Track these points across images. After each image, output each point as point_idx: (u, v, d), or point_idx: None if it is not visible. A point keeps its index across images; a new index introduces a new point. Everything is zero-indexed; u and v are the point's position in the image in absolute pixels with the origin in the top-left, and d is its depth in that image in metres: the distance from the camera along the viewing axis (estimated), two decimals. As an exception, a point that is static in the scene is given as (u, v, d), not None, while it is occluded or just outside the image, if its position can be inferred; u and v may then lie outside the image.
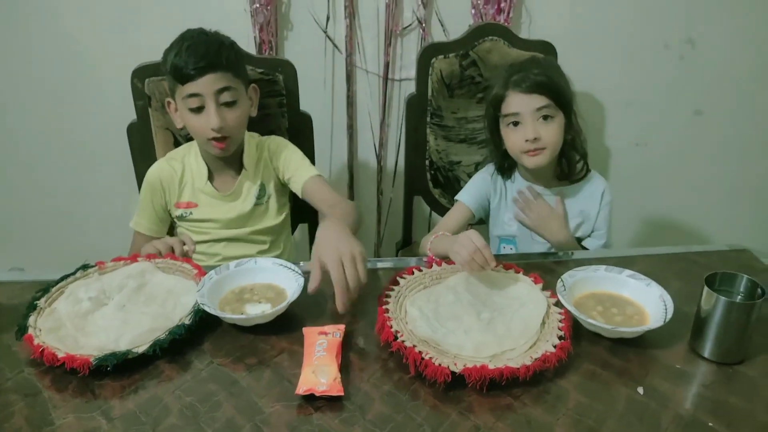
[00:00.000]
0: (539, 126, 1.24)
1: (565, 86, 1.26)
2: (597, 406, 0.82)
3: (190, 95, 1.22)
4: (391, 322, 0.93)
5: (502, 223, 1.40)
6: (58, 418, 0.80)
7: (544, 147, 1.24)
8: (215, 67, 1.21)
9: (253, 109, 1.34)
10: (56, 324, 0.94)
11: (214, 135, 1.23)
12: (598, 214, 1.33)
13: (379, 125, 1.85)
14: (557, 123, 1.25)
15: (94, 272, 1.09)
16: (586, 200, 1.34)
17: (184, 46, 1.21)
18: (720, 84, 1.88)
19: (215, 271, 1.05)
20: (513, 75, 1.25)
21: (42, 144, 1.87)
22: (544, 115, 1.23)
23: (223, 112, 1.23)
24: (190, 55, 1.19)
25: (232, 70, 1.24)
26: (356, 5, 1.70)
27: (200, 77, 1.20)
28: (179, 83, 1.22)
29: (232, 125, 1.25)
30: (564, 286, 1.00)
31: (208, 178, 1.35)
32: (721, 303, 0.87)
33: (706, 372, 0.88)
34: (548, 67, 1.27)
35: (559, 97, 1.23)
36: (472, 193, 1.39)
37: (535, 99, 1.22)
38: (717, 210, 2.09)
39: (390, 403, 0.82)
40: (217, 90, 1.21)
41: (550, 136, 1.24)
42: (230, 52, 1.24)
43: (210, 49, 1.21)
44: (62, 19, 1.68)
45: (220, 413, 0.80)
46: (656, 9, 1.76)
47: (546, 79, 1.22)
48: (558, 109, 1.24)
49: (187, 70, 1.19)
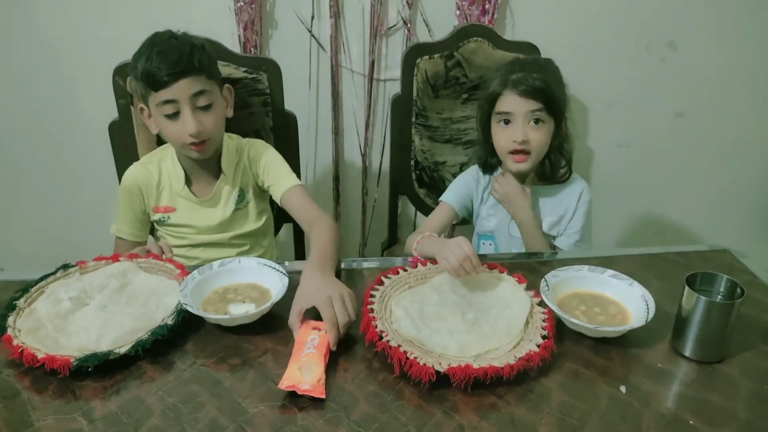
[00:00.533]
0: (529, 129, 1.25)
1: (561, 93, 1.27)
2: (580, 405, 0.82)
3: (164, 102, 1.19)
4: (376, 321, 0.93)
5: (482, 219, 1.42)
6: (37, 420, 0.79)
7: (530, 151, 1.26)
8: (188, 71, 1.18)
9: (228, 110, 1.32)
10: (36, 324, 0.93)
11: (192, 140, 1.21)
12: (574, 214, 1.35)
13: (365, 125, 1.85)
14: (546, 128, 1.26)
15: (75, 272, 1.07)
16: (564, 200, 1.35)
17: (154, 52, 1.17)
18: (701, 86, 1.91)
19: (198, 271, 1.04)
20: (513, 74, 1.25)
21: (22, 143, 1.83)
22: (536, 119, 1.24)
23: (199, 117, 1.21)
24: (161, 61, 1.16)
25: (205, 72, 1.21)
26: (341, 4, 1.69)
27: (174, 83, 1.17)
28: (152, 90, 1.19)
29: (210, 128, 1.23)
30: (547, 286, 1.01)
31: (186, 182, 1.32)
32: (701, 303, 0.88)
33: (687, 371, 0.89)
34: (549, 72, 1.27)
35: (552, 104, 1.24)
36: (456, 193, 1.41)
37: (530, 103, 1.23)
38: (698, 211, 2.12)
39: (374, 403, 0.82)
40: (192, 95, 1.19)
41: (538, 140, 1.25)
42: (202, 55, 1.21)
43: (182, 54, 1.17)
44: (43, 17, 1.66)
45: (203, 414, 0.80)
46: (638, 11, 1.78)
47: (543, 86, 1.23)
48: (549, 115, 1.25)
49: (159, 76, 1.16)
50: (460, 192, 1.41)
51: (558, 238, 1.36)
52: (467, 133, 1.67)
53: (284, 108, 1.49)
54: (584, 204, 1.35)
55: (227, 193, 1.35)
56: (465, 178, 1.43)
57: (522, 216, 1.32)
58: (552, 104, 1.24)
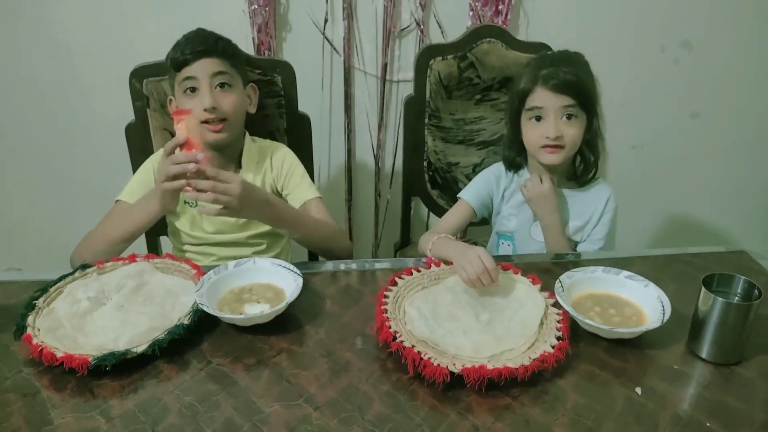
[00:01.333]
0: (561, 124, 1.22)
1: (592, 87, 1.24)
2: (595, 406, 0.82)
3: (185, 78, 1.24)
4: (389, 322, 0.93)
5: (502, 218, 1.40)
6: (56, 418, 0.80)
7: (564, 146, 1.23)
8: (210, 52, 1.24)
9: (251, 107, 1.35)
10: (55, 324, 0.94)
11: (208, 116, 1.23)
12: (599, 220, 1.32)
13: (377, 126, 1.86)
14: (579, 123, 1.23)
15: (93, 272, 1.09)
16: (590, 205, 1.33)
17: (183, 39, 1.26)
18: (717, 87, 1.90)
19: (214, 271, 1.05)
20: (542, 69, 1.23)
21: (39, 144, 1.86)
22: (568, 114, 1.22)
23: (216, 95, 1.24)
24: (187, 44, 1.24)
25: (228, 59, 1.26)
26: (354, 7, 1.70)
27: (195, 61, 1.23)
28: (176, 71, 1.25)
29: (227, 108, 1.25)
30: (562, 287, 1.00)
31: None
32: (718, 304, 0.87)
33: (704, 373, 0.89)
34: (579, 65, 1.25)
35: (584, 99, 1.22)
36: (475, 191, 1.38)
37: (562, 98, 1.21)
38: (714, 212, 2.10)
39: (388, 403, 0.83)
40: (211, 73, 1.24)
41: (571, 135, 1.22)
42: (227, 45, 1.28)
43: (207, 38, 1.26)
44: (60, 20, 1.68)
45: (218, 413, 0.81)
46: (652, 11, 1.77)
47: (575, 79, 1.20)
48: (582, 109, 1.23)
49: (183, 55, 1.23)
50: (480, 190, 1.38)
51: (581, 243, 1.33)
52: (480, 134, 1.67)
53: (298, 109, 1.50)
54: (610, 211, 1.32)
55: None
56: (486, 176, 1.40)
57: (550, 219, 1.29)
58: (584, 98, 1.22)
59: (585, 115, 1.24)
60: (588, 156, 1.30)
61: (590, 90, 1.23)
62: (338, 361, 0.91)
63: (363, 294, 1.08)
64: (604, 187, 1.34)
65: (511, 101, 1.32)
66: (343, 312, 1.03)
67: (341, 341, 0.95)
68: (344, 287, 1.12)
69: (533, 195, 1.30)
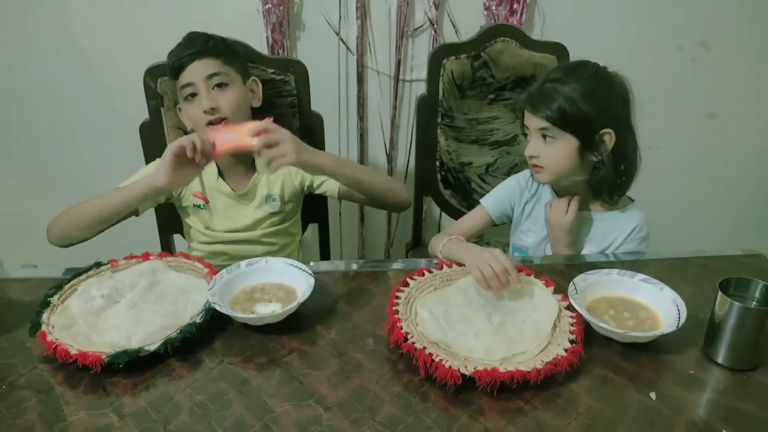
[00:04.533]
0: (540, 144, 1.18)
1: (581, 107, 1.12)
2: (608, 410, 0.81)
3: (183, 86, 1.25)
4: (401, 323, 0.93)
5: (520, 233, 1.37)
6: (70, 414, 0.80)
7: (542, 166, 1.19)
8: (201, 53, 1.24)
9: (256, 101, 1.34)
10: (69, 321, 0.95)
11: (208, 118, 1.23)
12: (619, 248, 1.25)
13: (390, 126, 1.86)
14: (559, 145, 1.16)
15: (107, 270, 1.09)
16: (614, 231, 1.25)
17: (175, 47, 1.27)
18: (734, 87, 1.87)
19: (226, 270, 1.05)
20: (534, 86, 1.19)
21: (53, 142, 1.88)
22: (544, 135, 1.17)
23: (214, 95, 1.24)
24: (180, 49, 1.26)
25: (221, 57, 1.26)
26: (368, 6, 1.70)
27: (189, 65, 1.24)
28: (174, 78, 1.27)
29: (226, 107, 1.25)
30: (576, 290, 0.99)
31: (219, 175, 1.34)
32: (735, 309, 0.86)
33: (720, 378, 0.87)
34: (577, 81, 1.14)
35: (561, 120, 1.13)
36: (496, 198, 1.36)
37: (537, 119, 1.16)
38: (730, 214, 2.07)
39: (400, 404, 0.82)
40: (206, 76, 1.24)
41: (547, 155, 1.17)
42: (218, 42, 1.28)
43: (197, 40, 1.26)
44: (74, 19, 1.70)
45: (230, 412, 0.81)
46: (669, 11, 1.75)
47: (550, 104, 1.13)
48: (562, 131, 1.14)
49: (178, 62, 1.24)
50: (500, 198, 1.35)
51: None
52: (493, 134, 1.66)
53: (311, 109, 1.50)
54: (635, 239, 1.24)
55: (263, 191, 1.36)
56: (510, 184, 1.36)
57: (559, 249, 1.25)
58: (561, 120, 1.13)
59: (571, 137, 1.14)
60: (604, 177, 1.18)
61: (575, 111, 1.12)
62: (349, 362, 0.90)
63: (374, 294, 1.08)
64: (634, 214, 1.26)
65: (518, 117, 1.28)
66: (354, 312, 1.03)
67: (352, 342, 0.95)
68: (355, 287, 1.12)
69: (553, 221, 1.24)
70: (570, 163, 1.17)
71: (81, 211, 1.20)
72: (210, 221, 1.37)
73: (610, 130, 1.15)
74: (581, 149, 1.16)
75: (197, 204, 1.36)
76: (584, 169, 1.20)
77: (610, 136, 1.15)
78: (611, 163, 1.17)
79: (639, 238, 1.25)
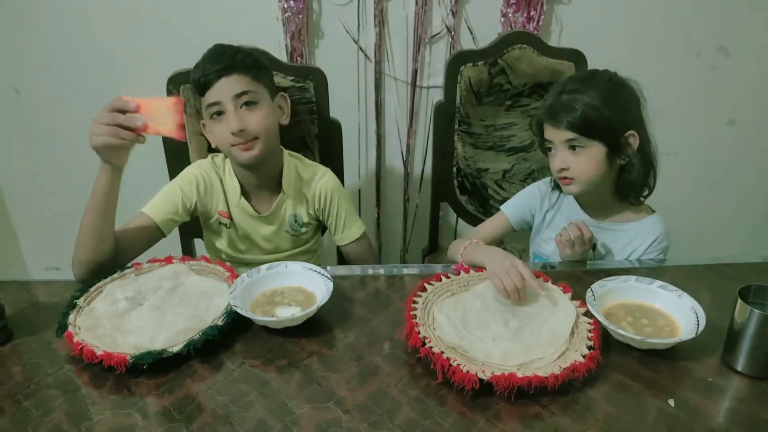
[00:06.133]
0: (568, 156, 1.17)
1: (605, 113, 1.13)
2: (626, 417, 0.81)
3: (209, 104, 1.20)
4: (419, 327, 0.94)
5: (540, 241, 1.37)
6: (95, 414, 0.82)
7: (573, 177, 1.19)
8: (230, 69, 1.18)
9: (284, 118, 1.31)
10: (95, 322, 0.97)
11: (237, 140, 1.20)
12: (641, 256, 1.25)
13: (407, 132, 1.87)
14: (589, 153, 1.16)
15: (131, 273, 1.12)
16: (631, 243, 1.25)
17: (202, 59, 1.22)
18: (754, 93, 1.86)
19: (247, 274, 1.07)
20: (550, 99, 1.19)
21: (78, 147, 1.91)
22: (572, 146, 1.17)
23: (242, 114, 1.19)
24: (206, 64, 1.20)
25: (249, 73, 1.21)
26: (386, 13, 1.71)
27: (216, 82, 1.18)
28: (200, 95, 1.22)
29: (255, 127, 1.20)
30: (594, 296, 1.00)
31: (243, 195, 1.31)
32: (755, 316, 0.85)
33: (739, 386, 0.87)
34: (594, 89, 1.15)
35: (589, 129, 1.14)
36: (517, 205, 1.36)
37: (562, 132, 1.16)
38: (749, 221, 2.05)
39: (417, 408, 0.83)
40: (234, 94, 1.18)
41: (579, 166, 1.16)
42: (246, 56, 1.22)
43: (225, 55, 1.20)
44: (96, 27, 1.73)
45: (251, 413, 0.82)
46: (688, 17, 1.75)
47: (572, 109, 1.13)
48: (590, 139, 1.15)
49: (204, 78, 1.19)
50: (520, 205, 1.36)
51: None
52: (510, 140, 1.66)
53: (329, 115, 1.52)
54: (656, 250, 1.24)
55: (286, 213, 1.34)
56: (531, 192, 1.36)
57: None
58: (589, 129, 1.14)
59: (599, 144, 1.15)
60: (635, 178, 1.19)
61: (597, 118, 1.13)
62: (368, 365, 0.92)
63: (392, 299, 1.09)
64: (654, 225, 1.25)
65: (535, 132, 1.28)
66: (372, 316, 1.04)
67: (370, 345, 0.96)
68: (373, 292, 1.13)
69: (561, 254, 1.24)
70: (600, 170, 1.18)
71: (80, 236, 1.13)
72: (233, 240, 1.36)
73: (633, 132, 1.16)
74: (609, 155, 1.17)
75: (223, 222, 1.34)
76: (611, 175, 1.21)
77: (634, 138, 1.16)
78: (640, 163, 1.18)
79: (659, 249, 1.24)
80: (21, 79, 1.82)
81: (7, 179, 2.00)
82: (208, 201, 1.32)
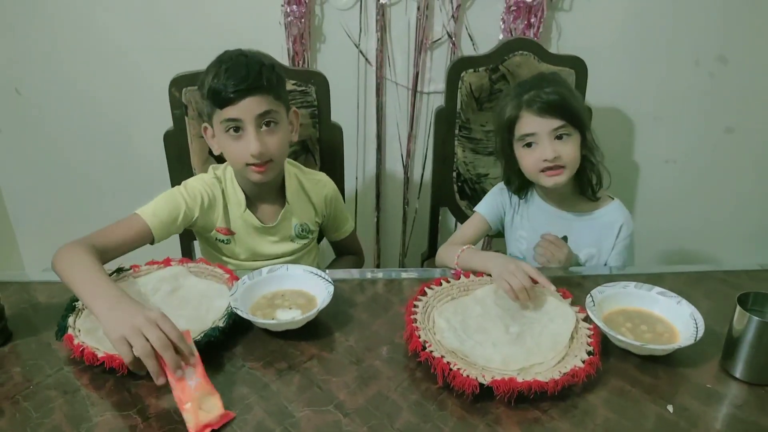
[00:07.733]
0: (557, 144, 1.20)
1: (578, 104, 1.23)
2: (625, 422, 0.81)
3: (228, 119, 1.16)
4: (419, 331, 0.94)
5: (514, 240, 1.39)
6: (95, 415, 0.82)
7: (564, 165, 1.21)
8: (255, 89, 1.13)
9: (294, 135, 1.28)
10: (94, 325, 0.97)
11: (254, 161, 1.17)
12: (612, 248, 1.29)
13: (407, 137, 1.87)
14: (574, 141, 1.21)
15: (129, 275, 1.12)
16: (603, 230, 1.30)
17: (222, 69, 1.14)
18: (752, 101, 1.86)
19: (248, 277, 1.07)
20: (524, 95, 1.21)
21: (78, 148, 1.92)
22: (559, 135, 1.20)
23: (263, 137, 1.16)
24: (228, 78, 1.13)
25: (273, 92, 1.17)
26: (387, 19, 1.72)
27: (240, 101, 1.13)
28: (218, 107, 1.16)
29: (273, 150, 1.18)
30: (593, 302, 1.00)
31: (248, 206, 1.28)
32: (753, 323, 0.86)
33: (738, 393, 0.87)
34: (559, 84, 1.23)
35: (573, 117, 1.20)
36: (489, 204, 1.39)
37: (550, 121, 1.19)
38: (748, 228, 2.06)
39: (418, 412, 0.83)
40: (257, 115, 1.15)
41: (569, 154, 1.20)
42: (271, 74, 1.17)
43: (251, 71, 1.14)
44: (102, 31, 1.74)
45: (251, 416, 0.82)
46: (687, 25, 1.76)
47: (559, 99, 1.19)
48: (573, 128, 1.21)
49: (226, 93, 1.13)
50: (492, 204, 1.39)
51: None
52: (510, 146, 1.67)
53: (331, 120, 1.52)
54: (624, 238, 1.29)
55: (292, 223, 1.33)
56: (498, 190, 1.40)
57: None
58: (572, 117, 1.20)
59: (578, 132, 1.22)
60: (588, 172, 1.27)
61: (577, 107, 1.21)
62: (368, 369, 0.92)
63: (392, 303, 1.09)
64: (618, 210, 1.30)
65: (499, 133, 1.30)
66: (372, 320, 1.04)
67: (370, 349, 0.96)
68: (373, 296, 1.13)
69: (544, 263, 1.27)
70: (580, 158, 1.24)
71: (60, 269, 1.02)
72: (233, 252, 1.33)
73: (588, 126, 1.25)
74: (581, 145, 1.23)
75: (220, 239, 1.31)
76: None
77: (589, 132, 1.25)
78: (599, 155, 1.27)
79: (627, 236, 1.29)
80: (22, 80, 1.82)
81: (7, 179, 2.00)
82: (209, 218, 1.28)
